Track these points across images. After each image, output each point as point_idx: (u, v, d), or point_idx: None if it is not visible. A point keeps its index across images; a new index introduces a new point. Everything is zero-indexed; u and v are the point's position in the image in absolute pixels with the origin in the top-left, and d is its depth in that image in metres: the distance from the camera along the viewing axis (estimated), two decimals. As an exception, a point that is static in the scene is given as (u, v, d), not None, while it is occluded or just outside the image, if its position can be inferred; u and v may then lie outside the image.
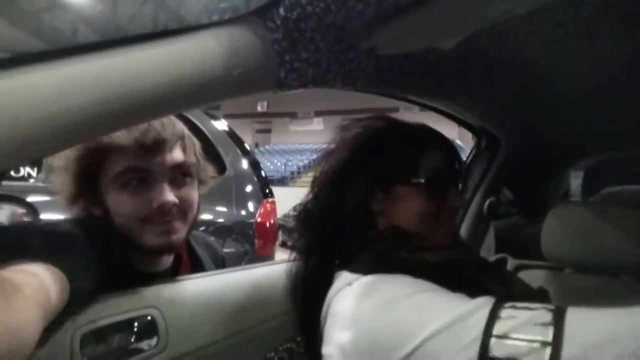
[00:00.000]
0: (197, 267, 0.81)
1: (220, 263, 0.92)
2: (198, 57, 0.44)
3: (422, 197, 0.63)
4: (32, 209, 1.64)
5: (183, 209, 0.70)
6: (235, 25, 0.45)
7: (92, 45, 0.38)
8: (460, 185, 0.70)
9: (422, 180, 0.62)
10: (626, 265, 0.90)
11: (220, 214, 2.11)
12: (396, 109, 12.02)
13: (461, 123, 1.11)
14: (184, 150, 0.71)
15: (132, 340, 0.60)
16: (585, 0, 0.53)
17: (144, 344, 0.60)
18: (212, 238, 1.14)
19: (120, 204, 0.66)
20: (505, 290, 0.61)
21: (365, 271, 0.57)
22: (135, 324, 0.60)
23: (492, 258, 1.25)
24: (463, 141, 15.52)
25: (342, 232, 0.64)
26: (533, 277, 1.06)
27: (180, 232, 0.69)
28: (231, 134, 2.31)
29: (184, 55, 0.43)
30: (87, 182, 0.67)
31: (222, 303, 0.72)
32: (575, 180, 2.42)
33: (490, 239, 1.35)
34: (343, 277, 0.60)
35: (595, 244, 0.92)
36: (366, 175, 0.63)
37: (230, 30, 0.45)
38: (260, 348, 0.76)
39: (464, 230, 1.26)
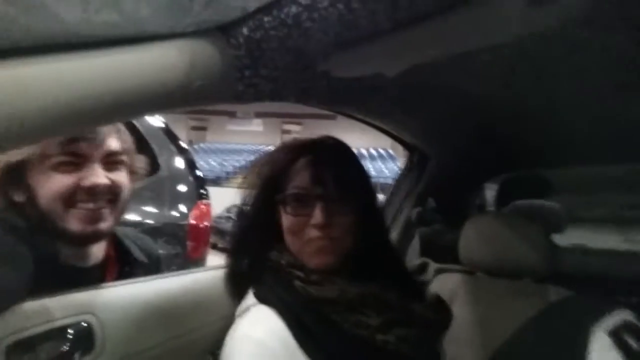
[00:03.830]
0: (126, 263, 0.79)
1: (155, 262, 0.90)
2: (158, 67, 0.44)
3: (285, 214, 0.63)
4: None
5: (114, 192, 0.70)
6: (197, 39, 0.46)
7: (51, 46, 0.37)
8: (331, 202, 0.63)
9: (283, 197, 0.63)
10: (526, 269, 1.05)
11: (150, 215, 2.02)
12: (334, 117, 12.31)
13: (396, 139, 1.21)
14: (120, 141, 0.73)
15: (66, 348, 0.57)
16: (506, 44, 0.63)
17: (79, 352, 0.58)
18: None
19: (48, 184, 0.64)
20: (383, 317, 0.59)
21: (262, 298, 0.61)
22: (69, 331, 0.58)
23: (416, 262, 1.37)
24: (395, 151, 16.41)
25: (258, 240, 0.66)
26: (450, 280, 1.18)
27: (107, 220, 0.69)
28: (167, 131, 2.22)
29: (144, 64, 0.43)
30: (14, 166, 0.64)
31: (160, 308, 0.72)
32: (490, 193, 2.73)
33: (415, 244, 1.48)
34: (249, 296, 0.63)
35: (502, 250, 1.05)
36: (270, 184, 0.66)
37: (191, 42, 0.46)
38: (198, 353, 0.76)
39: (394, 236, 1.36)
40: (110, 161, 0.71)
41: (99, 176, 0.67)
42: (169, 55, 0.45)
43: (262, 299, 0.61)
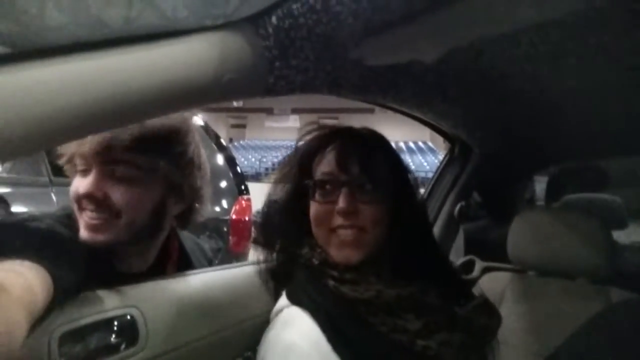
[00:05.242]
0: (184, 266, 0.81)
1: (208, 265, 0.93)
2: (188, 61, 0.44)
3: (312, 202, 0.62)
4: (3, 200, 1.59)
5: (107, 205, 0.63)
6: (227, 31, 0.46)
7: (81, 45, 0.38)
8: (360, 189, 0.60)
9: (310, 183, 0.61)
10: (582, 269, 0.97)
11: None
12: (371, 110, 12.18)
13: (436, 130, 1.15)
14: (145, 150, 0.64)
15: (112, 339, 0.59)
16: (553, 22, 0.57)
17: (124, 343, 0.60)
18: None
19: (72, 186, 0.65)
20: (423, 321, 0.56)
21: (294, 299, 0.59)
22: (115, 323, 0.60)
23: (460, 260, 1.31)
24: (435, 143, 15.94)
25: (290, 234, 0.65)
26: (498, 279, 1.12)
27: (104, 232, 0.63)
28: (206, 129, 2.28)
29: (174, 59, 0.43)
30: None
31: (202, 302, 0.73)
32: (540, 186, 2.57)
33: (460, 241, 1.41)
34: (282, 297, 0.62)
35: (556, 249, 0.98)
36: (301, 177, 0.65)
37: (221, 35, 0.45)
38: (239, 347, 0.77)
39: (436, 233, 1.31)
40: (114, 169, 0.63)
41: (87, 185, 0.61)
42: (199, 49, 0.44)
43: (294, 300, 0.59)
